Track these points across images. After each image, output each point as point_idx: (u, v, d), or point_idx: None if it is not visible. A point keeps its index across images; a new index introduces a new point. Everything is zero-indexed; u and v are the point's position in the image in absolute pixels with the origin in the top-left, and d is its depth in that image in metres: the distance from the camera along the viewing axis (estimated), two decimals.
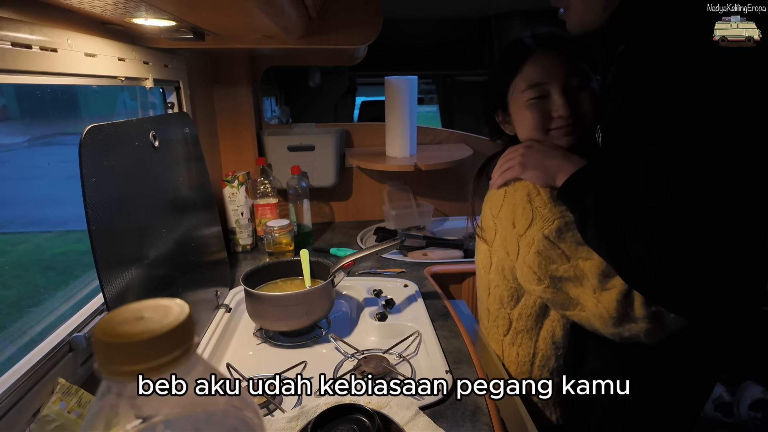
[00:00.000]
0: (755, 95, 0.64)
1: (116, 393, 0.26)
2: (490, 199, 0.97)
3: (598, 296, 0.78)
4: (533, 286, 0.87)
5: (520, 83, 0.89)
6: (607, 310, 0.76)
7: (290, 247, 1.40)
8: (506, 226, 0.91)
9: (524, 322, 0.94)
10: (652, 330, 0.75)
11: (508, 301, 0.96)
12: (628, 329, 0.76)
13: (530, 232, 0.85)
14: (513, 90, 0.91)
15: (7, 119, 1.16)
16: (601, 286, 0.78)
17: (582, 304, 0.81)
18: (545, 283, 0.85)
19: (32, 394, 0.68)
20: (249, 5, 0.70)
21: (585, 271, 0.80)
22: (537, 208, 0.85)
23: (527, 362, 0.94)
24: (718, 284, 0.65)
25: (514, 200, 0.89)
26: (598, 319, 0.78)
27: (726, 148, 0.64)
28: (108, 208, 0.74)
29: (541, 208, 0.85)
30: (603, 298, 0.77)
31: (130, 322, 0.26)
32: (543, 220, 0.84)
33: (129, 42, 0.98)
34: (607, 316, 0.77)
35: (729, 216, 0.64)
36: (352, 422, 0.69)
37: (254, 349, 1.03)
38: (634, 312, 0.75)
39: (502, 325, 0.98)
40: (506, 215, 0.91)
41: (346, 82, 3.59)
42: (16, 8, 0.65)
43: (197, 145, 1.16)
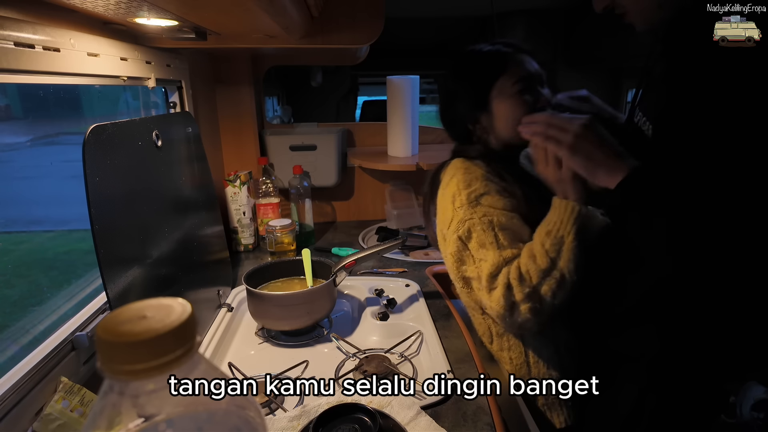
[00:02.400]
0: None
1: (119, 392, 0.26)
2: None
3: (490, 296, 0.82)
4: (457, 286, 0.92)
5: (507, 81, 0.92)
6: (499, 306, 0.80)
7: (292, 246, 1.41)
8: (439, 227, 0.96)
9: (499, 325, 0.94)
10: (537, 309, 0.78)
11: (476, 306, 0.97)
12: (518, 317, 0.80)
13: (448, 233, 0.89)
14: (499, 88, 0.93)
15: (10, 119, 1.16)
16: (489, 286, 0.82)
17: (484, 305, 0.85)
18: (460, 284, 0.90)
19: (35, 393, 0.68)
20: (251, 5, 0.70)
21: (481, 272, 0.83)
22: (456, 209, 0.89)
23: (523, 363, 0.94)
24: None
25: (443, 203, 0.93)
26: (497, 317, 0.83)
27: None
28: (111, 207, 0.74)
29: (459, 209, 0.88)
30: (493, 297, 0.81)
31: (133, 321, 0.26)
32: (458, 221, 0.87)
33: (131, 42, 0.98)
34: (502, 312, 0.80)
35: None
36: (353, 422, 0.69)
37: (256, 348, 1.03)
38: (515, 298, 0.79)
39: (484, 333, 0.99)
40: (438, 218, 0.96)
41: (348, 81, 3.59)
42: (19, 8, 0.66)
43: (200, 144, 1.17)
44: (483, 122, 0.97)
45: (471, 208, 0.86)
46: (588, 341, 0.93)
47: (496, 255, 0.82)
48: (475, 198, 0.87)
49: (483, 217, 0.85)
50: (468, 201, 0.87)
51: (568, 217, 0.77)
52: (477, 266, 0.84)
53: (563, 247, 0.77)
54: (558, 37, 2.34)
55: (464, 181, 0.90)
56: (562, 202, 0.79)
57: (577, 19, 2.25)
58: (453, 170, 0.95)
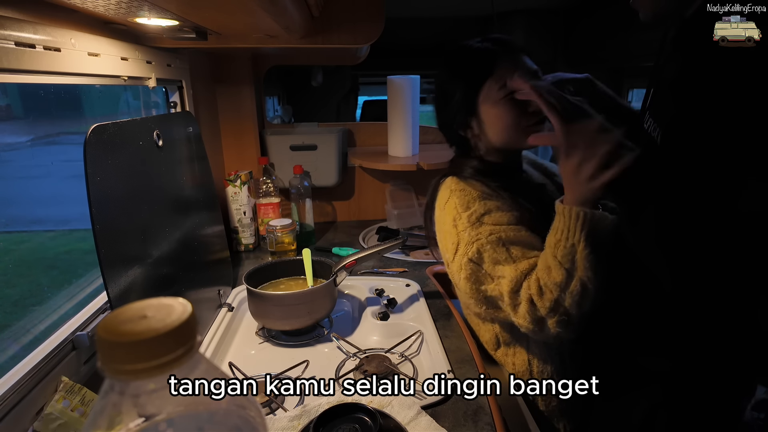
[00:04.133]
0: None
1: (119, 391, 0.26)
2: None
3: (516, 313, 0.79)
4: (479, 310, 0.88)
5: (493, 85, 0.88)
6: (527, 322, 0.77)
7: (292, 246, 1.41)
8: (442, 252, 0.93)
9: (508, 333, 0.94)
10: (565, 321, 0.75)
11: (484, 318, 0.96)
12: (548, 331, 0.77)
13: (457, 258, 0.86)
14: (486, 93, 0.90)
15: (10, 119, 1.17)
16: (513, 303, 0.79)
17: (516, 323, 0.82)
18: (483, 306, 0.87)
19: (36, 393, 0.69)
20: (252, 4, 0.70)
21: (502, 289, 0.80)
22: (460, 233, 0.86)
23: (525, 371, 0.93)
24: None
25: (444, 228, 0.91)
26: (530, 333, 0.80)
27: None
28: (112, 207, 0.74)
29: (463, 232, 0.85)
30: (519, 314, 0.79)
31: (133, 320, 0.26)
32: (465, 244, 0.84)
33: (132, 41, 0.98)
34: (531, 328, 0.78)
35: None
36: (353, 421, 0.69)
37: (256, 348, 1.03)
38: (540, 313, 0.76)
39: (489, 341, 0.99)
40: (441, 242, 0.92)
41: (348, 81, 3.59)
42: (19, 8, 0.66)
43: (200, 144, 1.17)
44: (474, 129, 0.94)
45: (475, 229, 0.84)
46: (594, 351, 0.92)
47: (512, 270, 0.79)
48: (476, 219, 0.85)
49: (490, 235, 0.82)
50: (470, 223, 0.85)
51: (574, 224, 0.72)
52: (497, 284, 0.81)
53: (576, 257, 0.72)
54: (558, 37, 2.33)
55: (461, 204, 0.88)
56: (566, 209, 0.74)
57: (577, 19, 2.25)
58: (447, 193, 0.92)
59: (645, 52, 1.76)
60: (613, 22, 1.98)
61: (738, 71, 0.64)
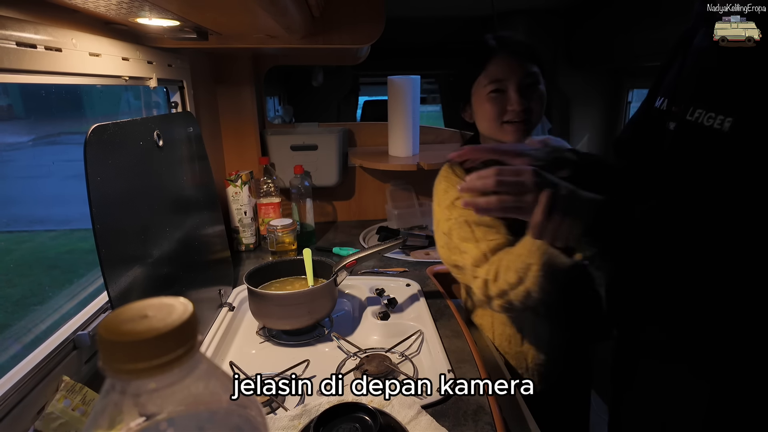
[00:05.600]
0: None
1: (120, 391, 0.26)
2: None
3: (473, 282, 0.90)
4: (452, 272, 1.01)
5: (483, 80, 0.97)
6: (479, 293, 0.89)
7: (293, 246, 1.41)
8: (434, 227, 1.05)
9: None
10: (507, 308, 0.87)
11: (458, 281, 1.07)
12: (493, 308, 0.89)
13: (437, 230, 1.01)
14: (477, 85, 0.99)
15: (12, 118, 1.17)
16: (472, 275, 0.90)
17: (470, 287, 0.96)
18: (454, 269, 0.99)
19: (37, 392, 0.69)
20: (253, 5, 0.71)
21: (465, 262, 0.92)
22: (442, 211, 1.00)
23: (492, 333, 1.07)
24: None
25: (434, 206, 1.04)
26: (479, 300, 0.92)
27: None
28: (112, 207, 0.74)
29: (441, 211, 1.00)
30: (475, 284, 0.89)
31: (134, 320, 0.26)
32: (441, 221, 0.99)
33: (133, 42, 0.98)
34: (481, 299, 0.89)
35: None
36: (354, 421, 0.69)
37: (257, 347, 1.03)
38: (490, 293, 0.86)
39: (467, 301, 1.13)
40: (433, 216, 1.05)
41: (349, 81, 3.59)
42: (20, 8, 0.66)
43: (201, 144, 1.17)
44: (470, 114, 1.05)
45: (448, 211, 0.97)
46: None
47: (474, 248, 0.91)
48: (451, 202, 0.98)
49: (459, 217, 0.95)
50: (446, 205, 0.99)
51: (534, 249, 0.78)
52: (461, 257, 0.93)
53: (529, 273, 0.80)
54: (559, 38, 2.33)
55: (444, 189, 1.02)
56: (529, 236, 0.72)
57: (578, 20, 2.25)
58: (440, 178, 1.05)
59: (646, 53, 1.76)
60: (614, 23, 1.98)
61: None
